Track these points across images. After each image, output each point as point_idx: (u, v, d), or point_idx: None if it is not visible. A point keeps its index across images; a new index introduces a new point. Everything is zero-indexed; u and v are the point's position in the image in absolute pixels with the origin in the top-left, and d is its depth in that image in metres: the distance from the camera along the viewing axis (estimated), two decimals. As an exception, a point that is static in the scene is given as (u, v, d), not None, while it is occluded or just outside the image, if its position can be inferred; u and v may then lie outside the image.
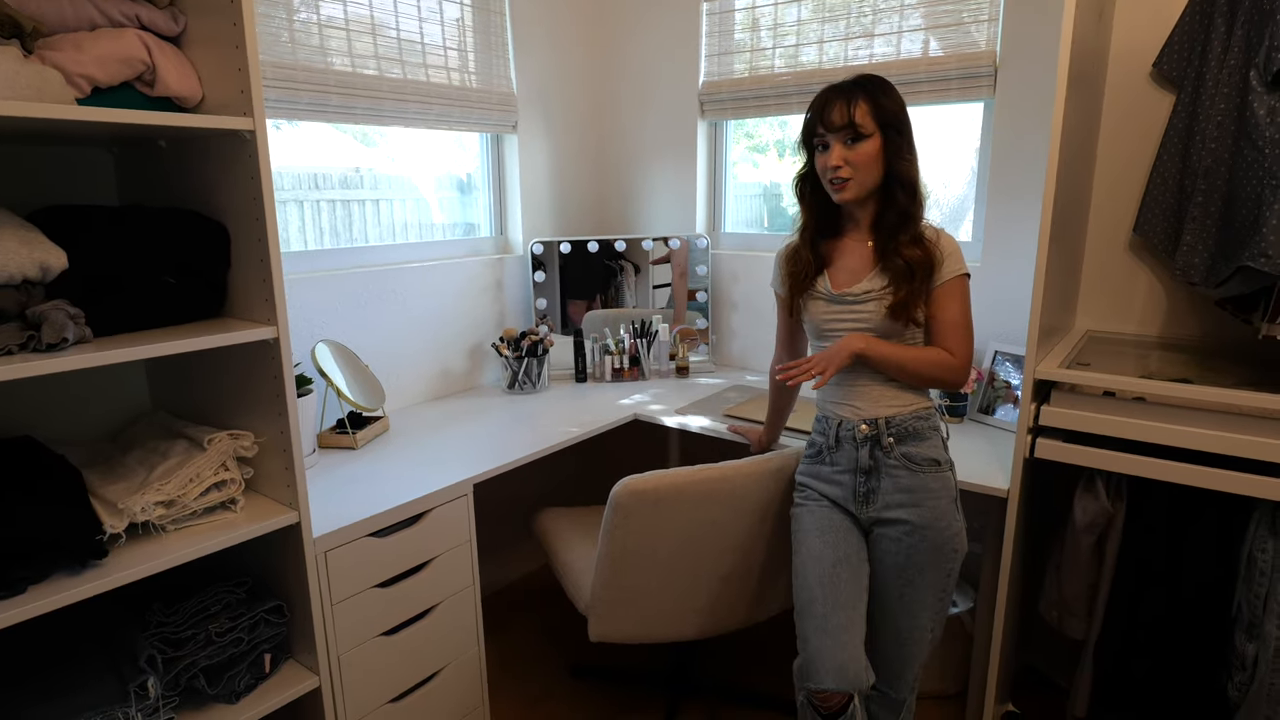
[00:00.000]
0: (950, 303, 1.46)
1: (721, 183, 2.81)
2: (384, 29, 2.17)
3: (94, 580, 1.17)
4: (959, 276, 1.47)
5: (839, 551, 1.48)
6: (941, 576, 1.48)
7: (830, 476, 1.54)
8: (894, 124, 1.44)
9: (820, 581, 1.46)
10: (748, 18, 2.53)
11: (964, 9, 2.13)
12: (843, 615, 1.42)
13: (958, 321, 1.47)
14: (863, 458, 1.49)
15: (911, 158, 1.46)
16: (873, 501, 1.49)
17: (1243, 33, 1.66)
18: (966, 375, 1.49)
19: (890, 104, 1.44)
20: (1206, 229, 1.72)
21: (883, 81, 1.47)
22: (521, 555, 2.81)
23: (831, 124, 1.44)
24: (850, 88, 1.44)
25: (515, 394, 2.47)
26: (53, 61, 1.15)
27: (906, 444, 1.48)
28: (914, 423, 1.48)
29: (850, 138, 1.43)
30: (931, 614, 1.49)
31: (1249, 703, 1.51)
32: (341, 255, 2.21)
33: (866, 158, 1.43)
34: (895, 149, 1.44)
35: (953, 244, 1.48)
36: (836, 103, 1.44)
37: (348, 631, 1.53)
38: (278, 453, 1.41)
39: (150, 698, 1.28)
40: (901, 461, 1.47)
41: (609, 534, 1.66)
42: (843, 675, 1.37)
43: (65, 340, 1.13)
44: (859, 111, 1.42)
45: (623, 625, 1.77)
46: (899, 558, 1.47)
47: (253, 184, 1.29)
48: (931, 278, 1.46)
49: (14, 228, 1.15)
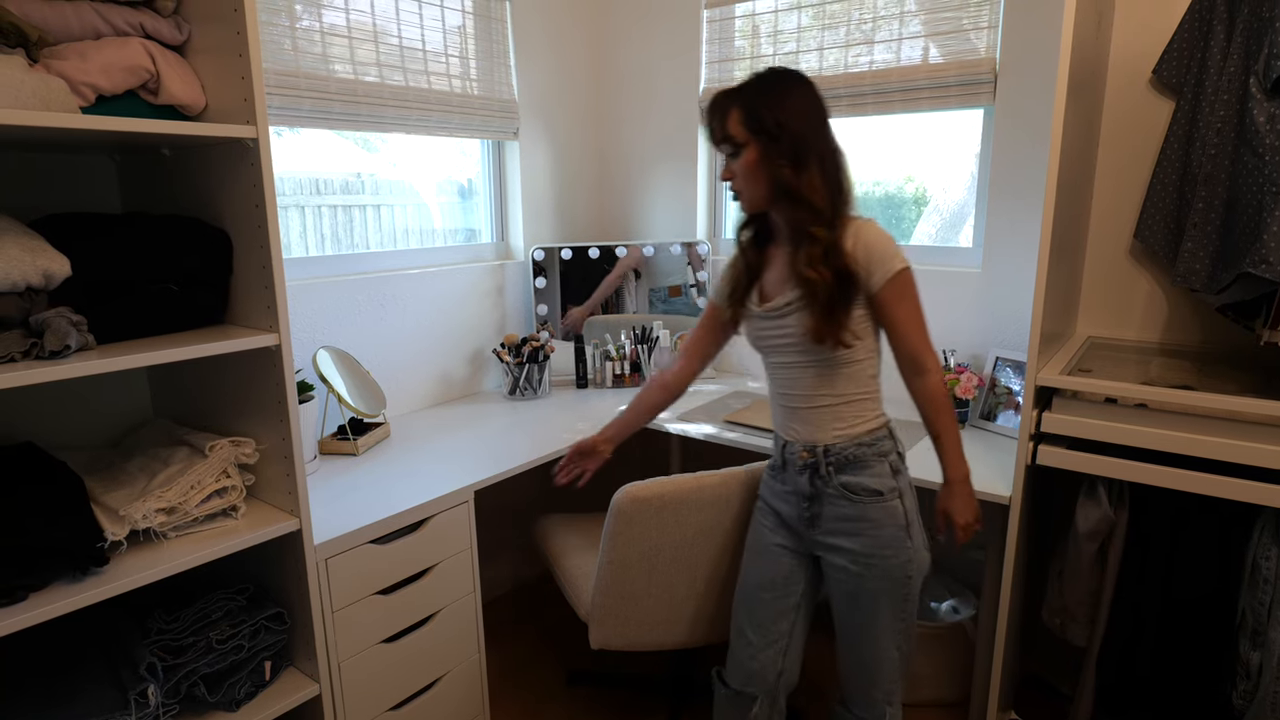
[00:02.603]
0: (897, 306, 1.36)
1: (722, 189, 2.81)
2: (386, 36, 2.18)
3: (95, 588, 1.17)
4: (895, 275, 1.33)
5: (765, 576, 1.53)
6: (898, 601, 1.42)
7: (781, 494, 1.51)
8: (769, 130, 1.32)
9: (743, 600, 1.57)
10: (748, 25, 2.54)
11: (964, 16, 2.14)
12: (756, 633, 1.54)
13: (911, 320, 1.37)
14: (803, 484, 1.44)
15: (794, 165, 1.32)
16: (817, 525, 1.45)
17: (1242, 40, 1.66)
18: (944, 379, 1.42)
19: (768, 109, 1.32)
20: (1207, 235, 1.72)
21: (770, 82, 1.36)
22: (522, 562, 2.80)
23: (710, 138, 1.40)
24: (723, 98, 1.36)
25: (516, 400, 2.47)
26: (58, 70, 1.15)
27: (846, 473, 1.40)
28: (856, 450, 1.40)
29: (730, 151, 1.37)
30: (893, 636, 1.44)
31: (1253, 711, 1.51)
32: (342, 261, 2.22)
33: (745, 169, 1.35)
34: (769, 157, 1.33)
35: (879, 243, 1.34)
36: (710, 116, 1.38)
37: (348, 639, 1.53)
38: (279, 459, 1.41)
39: (150, 705, 1.28)
40: (840, 491, 1.41)
41: (610, 541, 1.66)
42: (749, 680, 1.55)
43: (68, 347, 1.13)
44: (731, 122, 1.34)
45: (624, 632, 1.77)
46: (849, 585, 1.43)
47: (255, 192, 1.29)
48: (851, 292, 1.34)
49: (17, 235, 1.15)
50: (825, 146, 1.35)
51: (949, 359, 2.16)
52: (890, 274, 1.33)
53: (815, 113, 1.36)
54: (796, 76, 1.37)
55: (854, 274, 1.33)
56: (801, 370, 1.42)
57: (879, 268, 1.33)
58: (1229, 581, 1.56)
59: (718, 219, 2.84)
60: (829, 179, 1.34)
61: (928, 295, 1.36)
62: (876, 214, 2.50)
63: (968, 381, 2.07)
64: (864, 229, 1.35)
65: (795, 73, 1.38)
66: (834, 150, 1.37)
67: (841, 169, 1.37)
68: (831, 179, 1.35)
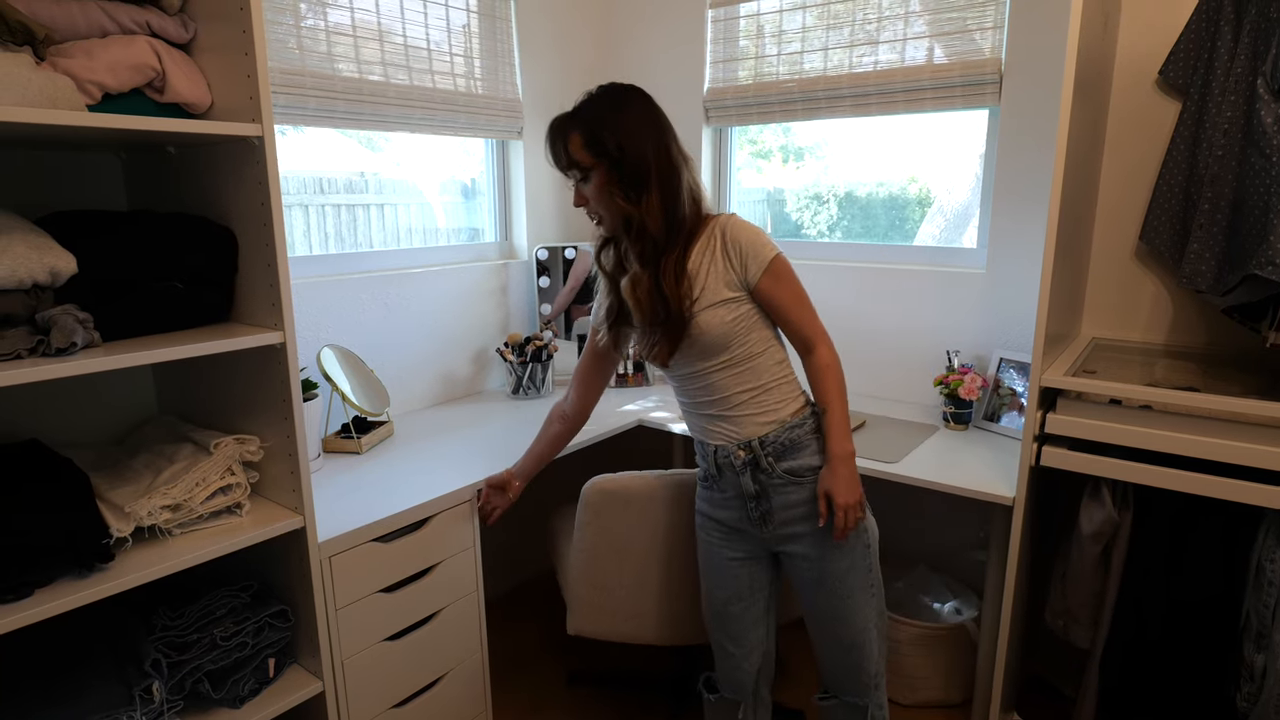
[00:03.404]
0: (777, 291, 1.37)
1: (726, 188, 2.81)
2: (390, 35, 2.18)
3: (100, 584, 1.17)
4: (770, 264, 1.35)
5: (729, 591, 1.54)
6: (863, 572, 1.43)
7: (722, 503, 1.49)
8: (610, 153, 1.31)
9: (714, 616, 1.58)
10: (752, 25, 2.54)
11: (969, 16, 2.13)
12: (734, 645, 1.56)
13: (793, 301, 1.37)
14: (746, 484, 1.43)
15: (635, 190, 1.31)
16: (770, 521, 1.44)
17: (1249, 40, 1.66)
18: (835, 354, 1.41)
19: (609, 130, 1.31)
20: (1213, 237, 1.72)
21: (606, 102, 1.34)
22: (525, 561, 2.80)
23: (556, 164, 1.38)
24: (561, 122, 1.35)
25: (520, 399, 2.47)
26: (64, 68, 1.16)
27: (787, 459, 1.40)
28: (789, 434, 1.40)
29: (579, 177, 1.36)
30: (868, 611, 1.45)
31: (1257, 714, 1.50)
32: (346, 260, 2.22)
33: (596, 193, 1.35)
34: (613, 181, 1.32)
35: (746, 236, 1.35)
36: (551, 141, 1.36)
37: (352, 636, 1.53)
38: (283, 457, 1.42)
39: (155, 702, 1.28)
40: (786, 478, 1.41)
41: (580, 530, 1.70)
42: (737, 689, 1.59)
43: (74, 345, 1.14)
44: (573, 146, 1.34)
45: (597, 621, 1.79)
46: (814, 573, 1.44)
47: (260, 190, 1.30)
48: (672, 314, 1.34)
49: (24, 232, 1.15)
50: (665, 163, 1.34)
51: (953, 360, 2.15)
52: (765, 263, 1.35)
53: (654, 129, 1.35)
54: (632, 93, 1.38)
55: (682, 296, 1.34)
56: (708, 375, 1.41)
57: (753, 261, 1.35)
58: (1233, 584, 1.55)
59: (721, 219, 2.84)
60: (668, 201, 1.34)
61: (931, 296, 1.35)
62: (879, 215, 2.50)
63: (971, 382, 2.06)
64: (729, 226, 1.37)
65: (630, 89, 1.39)
66: (674, 166, 1.35)
67: (683, 184, 1.36)
68: (671, 199, 1.34)
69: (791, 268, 1.39)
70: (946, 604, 2.22)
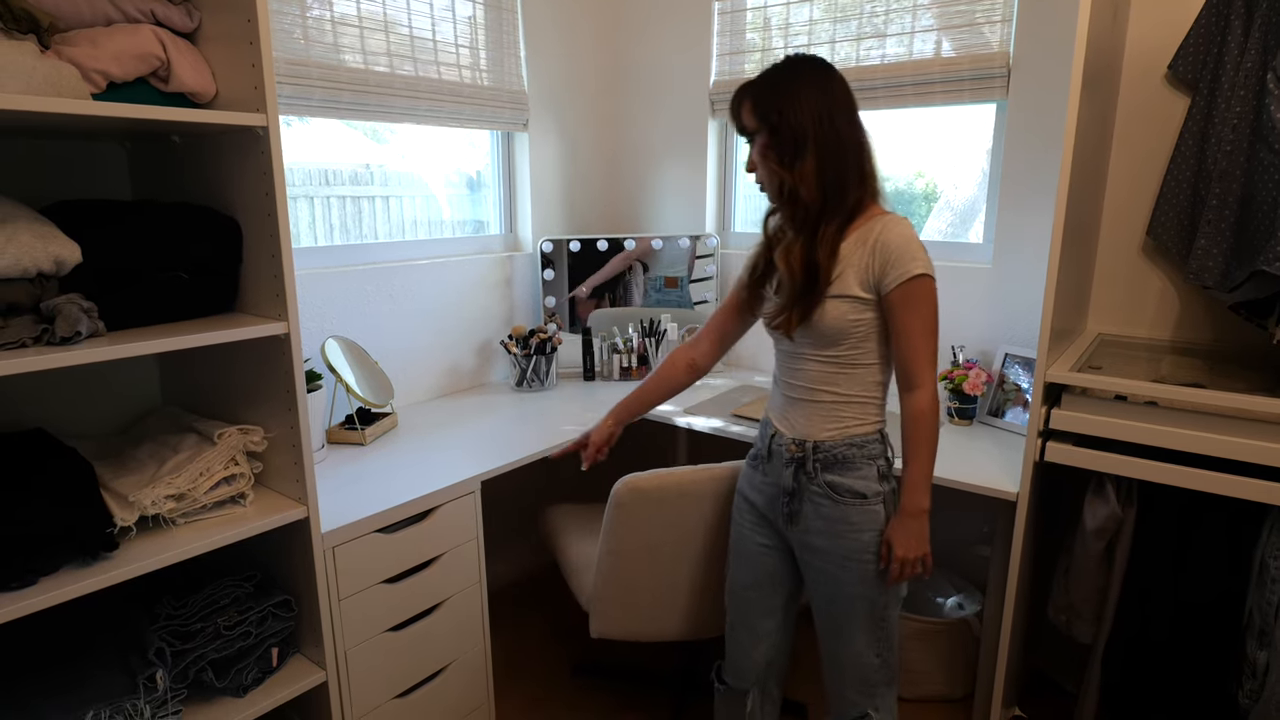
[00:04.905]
0: (904, 312, 1.31)
1: (731, 182, 2.80)
2: (396, 26, 2.18)
3: (104, 573, 1.18)
4: (909, 280, 1.28)
5: (751, 577, 1.55)
6: (875, 606, 1.40)
7: (760, 487, 1.49)
8: (770, 121, 1.31)
9: (732, 599, 1.60)
10: (759, 17, 2.53)
11: (977, 9, 2.12)
12: (746, 631, 1.58)
13: (915, 331, 1.31)
14: (787, 478, 1.41)
15: (790, 157, 1.31)
16: (796, 523, 1.43)
17: (1259, 35, 1.64)
18: (936, 402, 1.34)
19: (773, 97, 1.31)
20: (1221, 232, 1.70)
21: (781, 71, 1.34)
22: (528, 552, 2.81)
23: (735, 129, 1.41)
24: (741, 88, 1.36)
25: (523, 392, 2.47)
26: (69, 57, 1.15)
27: (833, 472, 1.37)
28: (845, 450, 1.37)
29: (749, 139, 1.37)
30: (870, 641, 1.41)
31: (1259, 710, 1.50)
32: (351, 251, 2.22)
33: (759, 157, 1.36)
34: (770, 148, 1.33)
35: (899, 244, 1.29)
36: (731, 106, 1.38)
37: (355, 627, 1.54)
38: (287, 448, 1.42)
39: (158, 690, 1.29)
40: (824, 490, 1.38)
41: (610, 531, 1.66)
42: (741, 676, 1.61)
43: (78, 334, 1.14)
44: (744, 111, 1.35)
45: (623, 622, 1.78)
46: (827, 587, 1.42)
47: (265, 180, 1.29)
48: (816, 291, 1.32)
49: (29, 221, 1.15)
50: (826, 134, 1.30)
51: (958, 355, 2.15)
52: (903, 277, 1.28)
53: (821, 99, 1.30)
54: (809, 64, 1.34)
55: (830, 273, 1.31)
56: (806, 361, 1.40)
57: (893, 269, 1.29)
58: (1237, 580, 1.55)
59: (726, 212, 2.83)
60: (827, 174, 1.30)
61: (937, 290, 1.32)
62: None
63: (976, 378, 2.06)
64: (889, 226, 1.31)
65: (811, 59, 1.35)
66: (838, 139, 1.31)
67: (847, 160, 1.32)
68: (828, 170, 1.30)
69: (933, 297, 1.31)
70: (950, 599, 2.22)
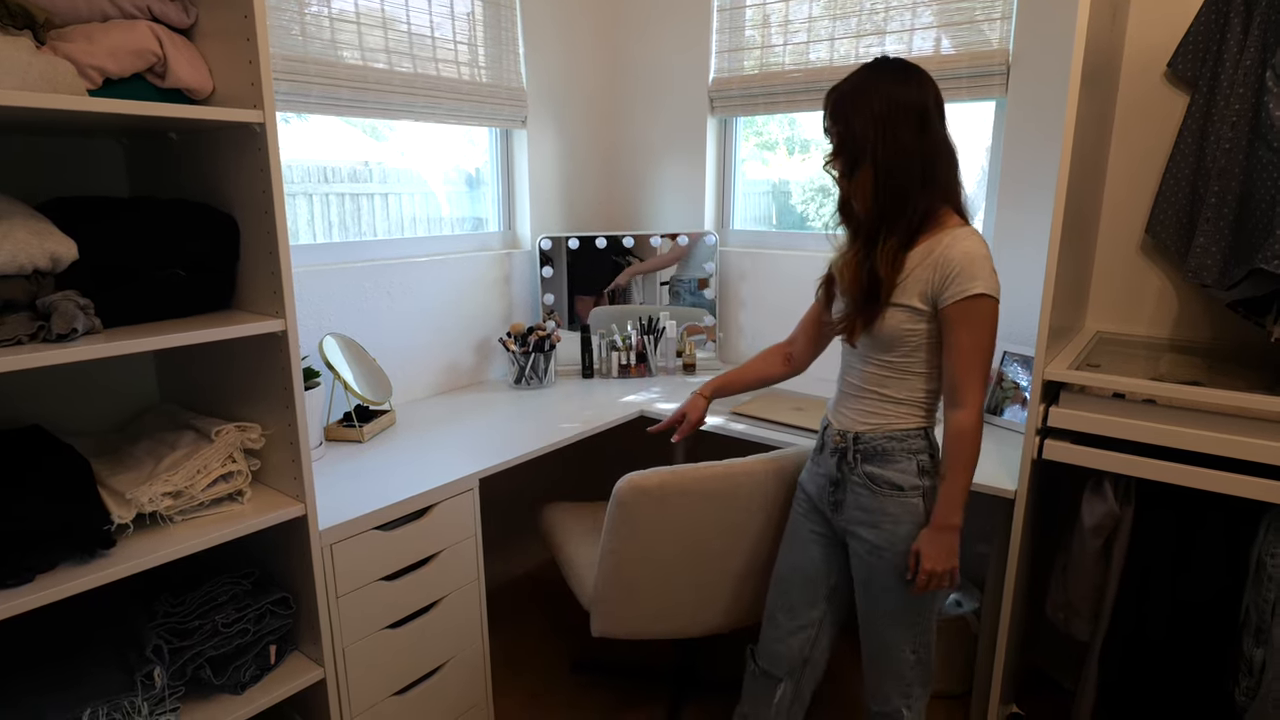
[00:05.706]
0: (958, 329, 1.30)
1: (730, 180, 2.80)
2: (395, 23, 2.17)
3: (101, 570, 1.18)
4: (967, 298, 1.27)
5: (798, 562, 1.58)
6: (912, 599, 1.42)
7: (814, 476, 1.54)
8: (836, 125, 1.33)
9: (776, 585, 1.63)
10: (758, 14, 2.52)
11: (976, 6, 2.12)
12: (786, 617, 1.59)
13: (967, 349, 1.30)
14: (831, 468, 1.47)
15: (848, 167, 1.32)
16: (840, 511, 1.47)
17: (1259, 33, 1.64)
18: (979, 423, 1.33)
19: (845, 104, 1.31)
20: (1220, 231, 1.70)
21: (862, 76, 1.32)
22: (526, 550, 2.81)
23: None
24: (830, 89, 1.36)
25: (522, 389, 2.47)
26: (64, 53, 1.15)
27: (872, 463, 1.41)
28: (885, 442, 1.40)
29: (832, 141, 1.38)
30: (904, 633, 1.44)
31: (1255, 708, 1.50)
32: (350, 249, 2.22)
33: (830, 161, 1.37)
34: (835, 153, 1.35)
35: (962, 260, 1.27)
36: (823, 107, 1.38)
37: (353, 624, 1.54)
38: (285, 445, 1.42)
39: (156, 687, 1.29)
40: (863, 480, 1.42)
41: (612, 530, 1.66)
42: (776, 662, 1.61)
43: (75, 331, 1.14)
44: (826, 114, 1.36)
45: (625, 621, 1.77)
46: (864, 574, 1.46)
47: (262, 176, 1.29)
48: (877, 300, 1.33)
49: (25, 218, 1.15)
50: (890, 147, 1.27)
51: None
52: (962, 294, 1.27)
53: (892, 110, 1.27)
54: (890, 70, 1.30)
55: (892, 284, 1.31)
56: (868, 364, 1.43)
57: (953, 284, 1.28)
58: (1234, 578, 1.55)
59: (725, 210, 2.83)
60: (881, 187, 1.29)
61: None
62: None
63: (975, 375, 2.05)
64: (957, 241, 1.29)
65: (889, 65, 1.31)
66: (903, 152, 1.28)
67: (913, 174, 1.29)
68: (886, 185, 1.29)
69: (992, 318, 1.29)
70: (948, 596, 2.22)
